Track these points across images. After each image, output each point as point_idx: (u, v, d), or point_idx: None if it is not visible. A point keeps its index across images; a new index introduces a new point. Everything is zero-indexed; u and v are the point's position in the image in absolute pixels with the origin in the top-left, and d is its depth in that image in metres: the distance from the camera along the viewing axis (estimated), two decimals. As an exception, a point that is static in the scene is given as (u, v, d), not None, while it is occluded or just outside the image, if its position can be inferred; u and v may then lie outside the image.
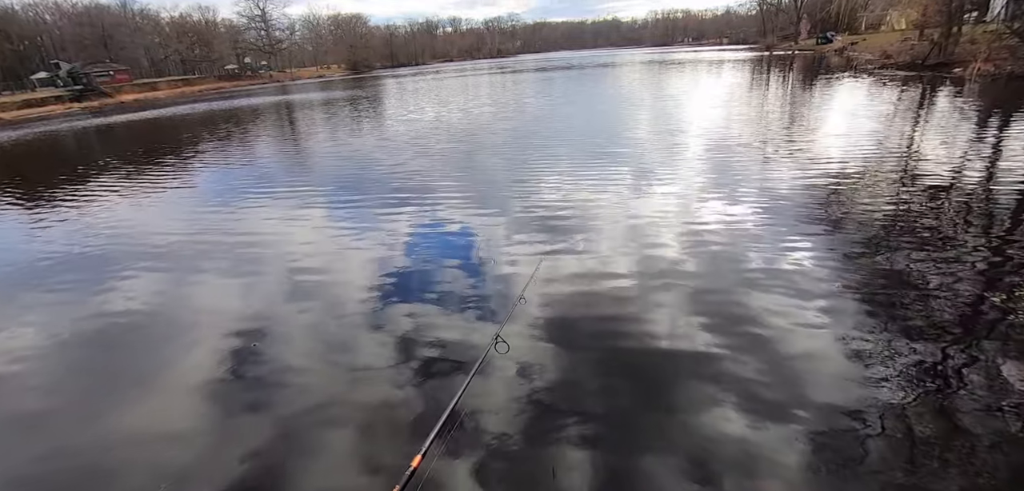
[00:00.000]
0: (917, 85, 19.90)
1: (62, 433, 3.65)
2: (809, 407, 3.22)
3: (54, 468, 3.32)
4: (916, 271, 4.86)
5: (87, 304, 5.69)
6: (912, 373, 3.45)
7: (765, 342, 3.93)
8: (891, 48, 31.58)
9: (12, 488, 3.21)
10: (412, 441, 3.14)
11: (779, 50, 63.63)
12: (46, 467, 3.34)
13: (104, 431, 3.61)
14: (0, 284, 6.59)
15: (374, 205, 8.60)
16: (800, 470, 2.79)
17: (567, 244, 6.21)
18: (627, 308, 4.66)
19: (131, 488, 3.07)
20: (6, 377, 4.40)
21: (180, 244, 7.45)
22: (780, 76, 28.53)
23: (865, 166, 8.62)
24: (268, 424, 3.48)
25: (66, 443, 3.53)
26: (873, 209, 6.62)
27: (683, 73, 34.65)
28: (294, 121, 23.78)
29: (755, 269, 5.17)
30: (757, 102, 18.10)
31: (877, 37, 47.16)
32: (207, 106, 38.87)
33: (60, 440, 3.57)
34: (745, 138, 11.74)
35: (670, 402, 3.42)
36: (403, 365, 4.03)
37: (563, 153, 11.48)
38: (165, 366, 4.35)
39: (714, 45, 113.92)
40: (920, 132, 11.25)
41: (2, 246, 8.26)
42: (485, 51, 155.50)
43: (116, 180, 12.75)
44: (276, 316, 5.01)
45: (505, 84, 37.22)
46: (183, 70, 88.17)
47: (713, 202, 7.33)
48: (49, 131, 29.60)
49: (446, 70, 75.87)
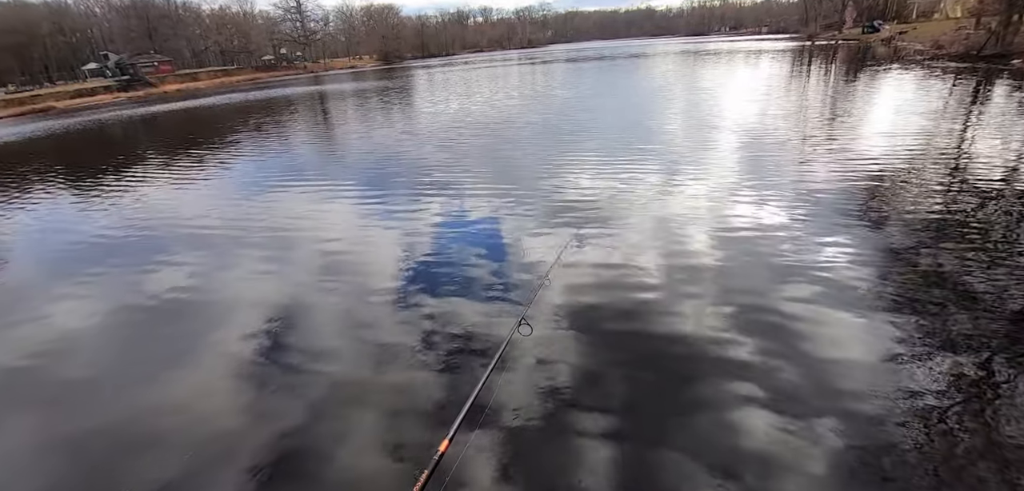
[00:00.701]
0: (971, 78, 18.75)
1: (108, 400, 3.93)
2: (840, 412, 3.12)
3: (100, 430, 3.57)
4: (961, 276, 4.62)
5: (132, 284, 6.01)
6: (952, 383, 3.30)
7: (795, 342, 3.82)
8: (944, 37, 29.90)
9: (64, 445, 3.49)
10: (438, 423, 3.24)
11: (822, 40, 60.94)
12: (93, 428, 3.60)
13: (145, 401, 3.85)
14: (55, 263, 7.04)
15: (402, 193, 8.73)
16: (827, 477, 2.71)
17: (593, 234, 6.17)
18: (654, 300, 4.61)
19: (167, 456, 3.25)
20: (61, 348, 4.74)
21: (218, 229, 7.76)
22: (821, 68, 27.38)
23: (910, 165, 8.20)
24: (299, 403, 3.61)
25: (111, 409, 3.78)
26: (917, 210, 6.30)
27: (718, 64, 33.68)
28: (327, 111, 24.30)
29: (787, 267, 5.01)
30: (795, 96, 17.43)
31: (929, 26, 44.71)
32: (244, 96, 40.11)
33: (106, 406, 3.84)
34: (782, 134, 11.34)
35: (695, 397, 3.38)
36: (429, 349, 4.13)
37: (590, 146, 11.36)
38: (202, 344, 4.56)
39: (752, 34, 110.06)
40: (972, 129, 10.61)
41: (57, 228, 8.78)
42: (516, 41, 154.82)
43: (159, 167, 13.33)
44: (307, 300, 5.16)
45: (534, 75, 36.99)
46: (222, 61, 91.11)
47: (746, 198, 7.13)
48: (98, 119, 31.14)
49: (475, 61, 75.95)
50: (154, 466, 3.20)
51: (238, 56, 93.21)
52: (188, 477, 3.10)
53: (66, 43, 74.99)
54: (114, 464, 3.29)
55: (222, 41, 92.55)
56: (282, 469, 3.09)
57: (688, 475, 2.80)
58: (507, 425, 3.24)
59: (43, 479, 3.22)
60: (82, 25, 78.90)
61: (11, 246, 8.10)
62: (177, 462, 3.21)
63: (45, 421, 3.79)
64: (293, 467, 3.09)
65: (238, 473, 3.08)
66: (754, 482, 2.72)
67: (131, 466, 3.24)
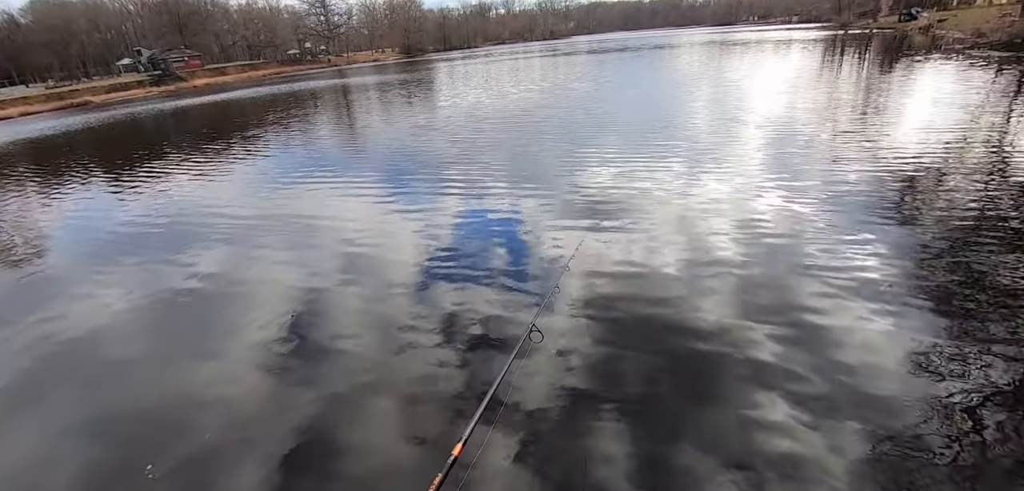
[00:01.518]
0: (1015, 68, 17.82)
1: (137, 382, 4.12)
2: (865, 416, 3.02)
3: (130, 411, 3.74)
4: (996, 277, 4.41)
5: (164, 272, 6.22)
6: (985, 389, 3.15)
7: (821, 343, 3.71)
8: (986, 25, 28.49)
9: (95, 423, 3.67)
10: (453, 420, 3.27)
11: (855, 28, 58.77)
12: (124, 409, 3.78)
13: (172, 385, 4.00)
14: (92, 251, 7.33)
15: (421, 186, 8.79)
16: (850, 482, 2.62)
17: (613, 228, 6.12)
18: (674, 295, 4.55)
19: (194, 438, 3.37)
20: (95, 331, 4.98)
21: (244, 220, 7.94)
22: (854, 58, 26.41)
23: (946, 160, 7.85)
24: (319, 393, 3.69)
25: (140, 391, 3.96)
26: (952, 207, 6.03)
27: (745, 55, 32.82)
28: (350, 104, 24.58)
29: (814, 264, 4.86)
30: (826, 87, 16.85)
31: (970, 13, 42.69)
32: (270, 89, 40.90)
33: (136, 388, 4.03)
34: (811, 129, 10.97)
35: (715, 394, 3.33)
36: (447, 342, 4.18)
37: (610, 140, 11.22)
38: (227, 332, 4.71)
39: (782, 24, 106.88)
40: (1015, 123, 10.10)
41: (93, 217, 9.15)
42: (538, 33, 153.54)
43: (189, 159, 13.71)
44: (328, 289, 5.26)
45: (557, 67, 36.68)
46: (249, 55, 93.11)
47: (772, 194, 6.93)
48: (132, 112, 32.19)
49: (496, 53, 75.72)
50: (181, 444, 3.34)
51: (264, 50, 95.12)
52: (211, 454, 3.23)
53: (102, 39, 77.64)
54: (146, 439, 3.46)
55: (249, 36, 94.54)
56: (299, 454, 3.16)
57: (706, 475, 2.75)
58: (523, 422, 3.23)
59: (79, 452, 3.41)
60: (116, 22, 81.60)
61: (52, 234, 8.46)
62: (201, 441, 3.35)
63: (83, 398, 4.00)
64: (310, 453, 3.16)
65: (257, 454, 3.16)
66: (774, 484, 2.66)
67: (160, 443, 3.38)
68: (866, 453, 2.79)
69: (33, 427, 3.73)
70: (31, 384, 4.28)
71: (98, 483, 3.16)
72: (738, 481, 2.70)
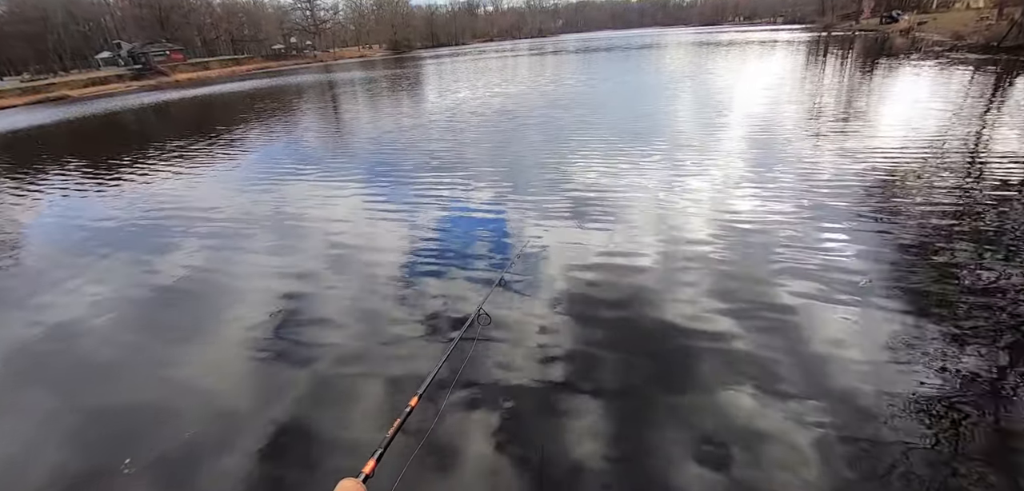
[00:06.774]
0: (992, 70, 18.27)
1: (116, 378, 4.07)
2: (836, 406, 3.09)
3: (108, 407, 3.71)
4: (971, 274, 4.52)
5: (145, 268, 6.13)
6: (958, 380, 3.23)
7: (796, 335, 3.77)
8: (964, 28, 29.15)
9: (71, 419, 3.62)
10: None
11: (838, 30, 59.73)
12: (102, 405, 3.75)
13: (151, 381, 3.97)
14: (71, 247, 7.15)
15: (404, 182, 8.73)
16: (820, 470, 2.67)
17: (586, 220, 6.19)
18: (648, 286, 4.64)
19: (173, 432, 3.35)
20: (71, 327, 4.89)
21: (228, 215, 7.84)
22: (836, 59, 26.83)
23: (924, 160, 8.01)
24: (303, 377, 3.74)
25: (119, 387, 3.92)
26: (929, 206, 6.16)
27: (730, 55, 33.14)
28: (335, 100, 24.33)
29: (789, 260, 4.94)
30: (808, 87, 17.10)
31: (949, 16, 43.65)
32: (254, 84, 40.31)
33: (114, 384, 3.98)
34: (792, 127, 11.13)
35: (685, 385, 3.40)
36: (419, 322, 4.43)
37: (592, 137, 11.26)
38: (214, 325, 4.69)
39: (767, 25, 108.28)
40: (991, 124, 10.34)
41: (74, 213, 8.92)
42: (526, 30, 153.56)
43: (171, 154, 13.46)
44: (312, 283, 5.21)
45: (544, 65, 36.70)
46: (233, 50, 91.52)
47: (750, 190, 7.02)
48: (111, 107, 31.47)
49: (485, 50, 75.54)
50: (159, 439, 3.30)
51: (248, 45, 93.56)
52: (190, 448, 3.22)
53: (79, 32, 75.64)
54: (123, 435, 3.41)
55: (232, 30, 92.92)
56: (279, 436, 3.13)
57: (675, 459, 2.79)
58: (481, 389, 3.48)
59: (59, 448, 3.35)
60: (95, 14, 79.54)
61: (30, 230, 8.25)
62: (184, 436, 3.32)
63: (59, 394, 3.92)
64: (287, 434, 3.13)
65: (237, 446, 3.13)
66: (743, 471, 2.71)
67: (141, 438, 3.35)
68: (834, 440, 2.84)
69: (7, 423, 3.66)
70: (5, 380, 4.19)
71: (73, 479, 3.09)
72: (703, 459, 2.74)
